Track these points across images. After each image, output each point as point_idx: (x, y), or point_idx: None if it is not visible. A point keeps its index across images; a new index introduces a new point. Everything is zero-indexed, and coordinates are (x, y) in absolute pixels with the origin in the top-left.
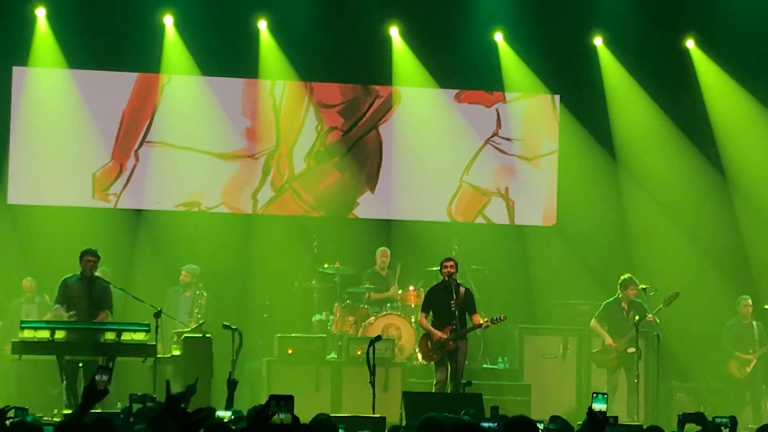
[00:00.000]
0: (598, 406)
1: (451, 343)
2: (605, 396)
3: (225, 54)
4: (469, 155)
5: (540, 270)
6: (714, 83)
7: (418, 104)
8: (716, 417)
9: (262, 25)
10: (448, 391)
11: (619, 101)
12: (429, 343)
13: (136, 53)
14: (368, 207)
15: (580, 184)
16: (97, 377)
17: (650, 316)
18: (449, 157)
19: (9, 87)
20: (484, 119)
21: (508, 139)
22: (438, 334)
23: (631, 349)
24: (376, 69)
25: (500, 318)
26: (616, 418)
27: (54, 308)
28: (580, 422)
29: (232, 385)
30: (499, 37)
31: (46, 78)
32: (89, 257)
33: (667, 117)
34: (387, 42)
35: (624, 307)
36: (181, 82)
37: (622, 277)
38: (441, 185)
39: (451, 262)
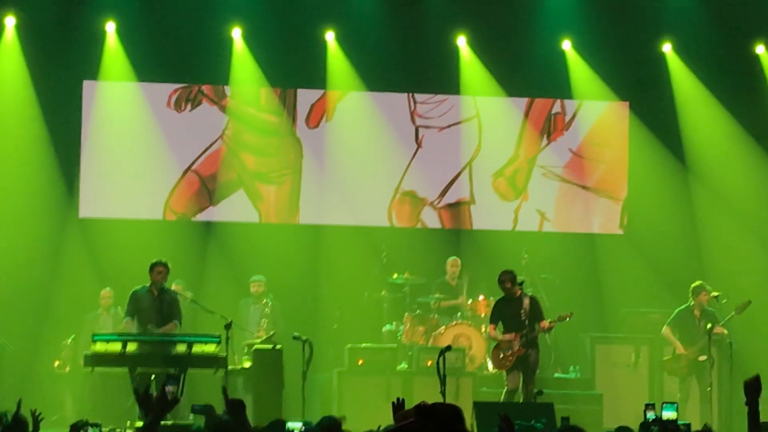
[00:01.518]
0: (668, 414)
1: (520, 347)
2: (675, 405)
3: (293, 65)
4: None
5: (610, 278)
6: None
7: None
8: None
9: (330, 36)
10: (520, 400)
11: (689, 108)
12: (500, 352)
13: (205, 66)
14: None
15: (651, 191)
16: (167, 387)
17: (719, 328)
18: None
19: (80, 101)
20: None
21: (574, 146)
22: (507, 337)
23: (702, 357)
24: (445, 79)
25: (566, 316)
26: (688, 425)
27: (124, 321)
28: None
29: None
30: (567, 44)
31: (116, 91)
32: (159, 268)
33: (738, 123)
34: (455, 52)
35: (696, 314)
36: (249, 93)
37: (693, 285)
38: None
39: (507, 281)
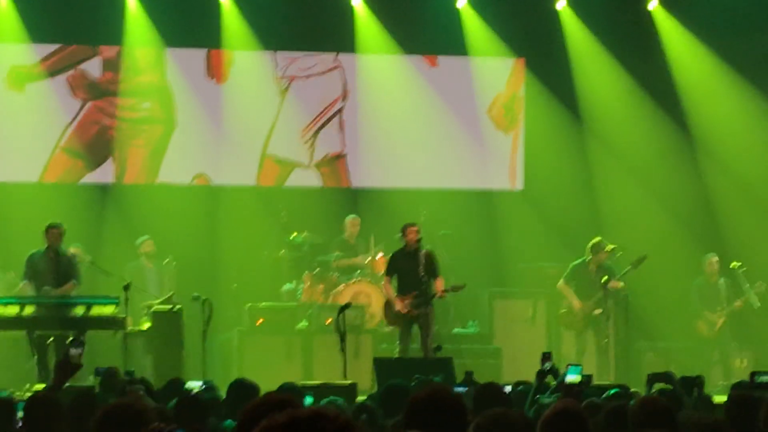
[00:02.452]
0: (571, 378)
1: (412, 310)
2: (579, 367)
3: (188, 24)
4: (432, 119)
5: (508, 234)
6: (678, 43)
7: (384, 70)
8: (684, 376)
9: None
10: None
11: (583, 64)
12: (393, 308)
13: (99, 25)
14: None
15: (547, 147)
16: (72, 351)
17: (615, 282)
18: (417, 123)
19: None
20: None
21: (472, 102)
22: (398, 304)
23: (598, 311)
24: (340, 37)
25: (458, 287)
26: (590, 377)
27: (21, 284)
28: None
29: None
30: (462, 1)
31: (7, 52)
32: (54, 230)
33: (632, 78)
34: (350, 9)
35: (592, 269)
36: (143, 53)
37: (592, 241)
38: (409, 152)
39: (416, 227)
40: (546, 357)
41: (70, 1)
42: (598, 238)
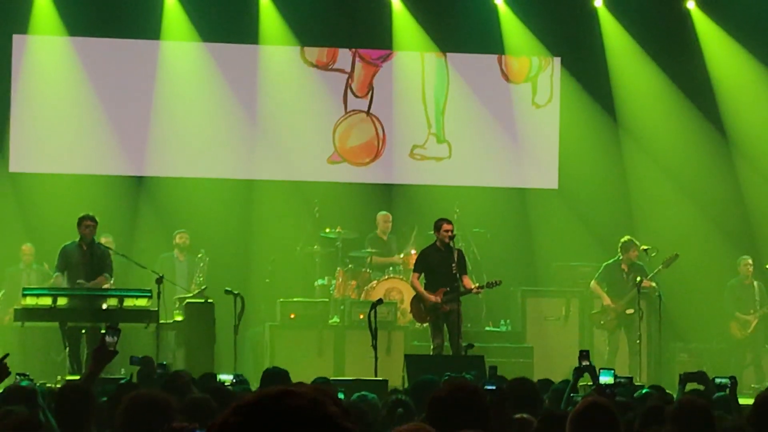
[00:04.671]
0: (605, 379)
1: (444, 306)
2: (612, 371)
3: (225, 20)
4: (466, 116)
5: (542, 232)
6: (715, 43)
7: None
8: (717, 377)
9: None
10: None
11: (620, 63)
12: (422, 305)
13: (136, 20)
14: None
15: (582, 146)
16: (108, 338)
17: (648, 281)
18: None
19: (9, 55)
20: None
21: (510, 100)
22: (431, 298)
23: (630, 311)
24: (376, 33)
25: (495, 282)
26: (630, 378)
27: (54, 276)
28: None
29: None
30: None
31: (47, 46)
32: (87, 222)
33: (668, 78)
34: (387, 6)
35: (624, 268)
36: (180, 48)
37: (622, 240)
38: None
39: (452, 225)
40: (584, 355)
41: None
42: (627, 237)
